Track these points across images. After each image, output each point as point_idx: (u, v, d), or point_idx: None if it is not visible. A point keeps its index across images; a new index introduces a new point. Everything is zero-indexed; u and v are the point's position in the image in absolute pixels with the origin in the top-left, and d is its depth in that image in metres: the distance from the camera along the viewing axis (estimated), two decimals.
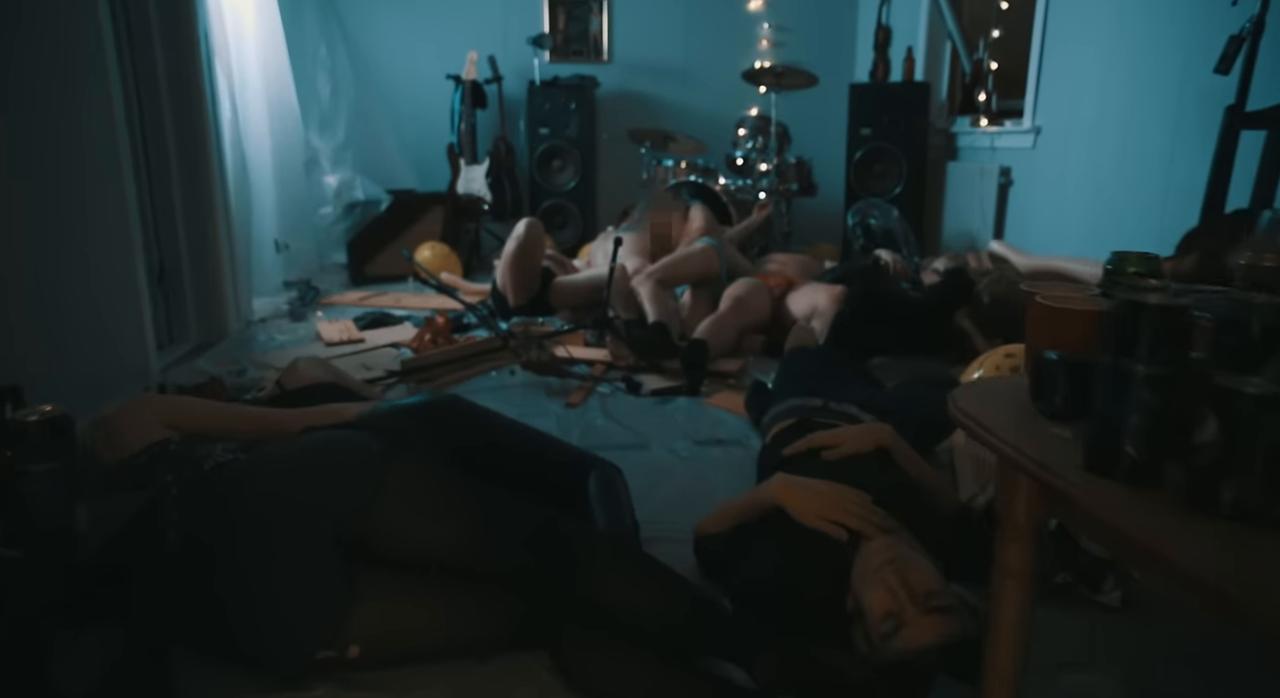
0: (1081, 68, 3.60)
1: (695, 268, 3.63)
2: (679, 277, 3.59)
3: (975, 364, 2.56)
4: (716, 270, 3.69)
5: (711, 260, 3.67)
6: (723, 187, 4.74)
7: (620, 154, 5.60)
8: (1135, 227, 3.30)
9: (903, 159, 4.66)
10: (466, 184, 5.26)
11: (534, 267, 3.64)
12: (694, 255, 3.63)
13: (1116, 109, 3.38)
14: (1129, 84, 3.30)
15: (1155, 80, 3.15)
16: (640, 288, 3.40)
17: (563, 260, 4.23)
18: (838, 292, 3.25)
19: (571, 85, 5.32)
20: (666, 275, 3.49)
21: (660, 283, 3.43)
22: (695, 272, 3.64)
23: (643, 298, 3.36)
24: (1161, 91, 3.12)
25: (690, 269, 3.62)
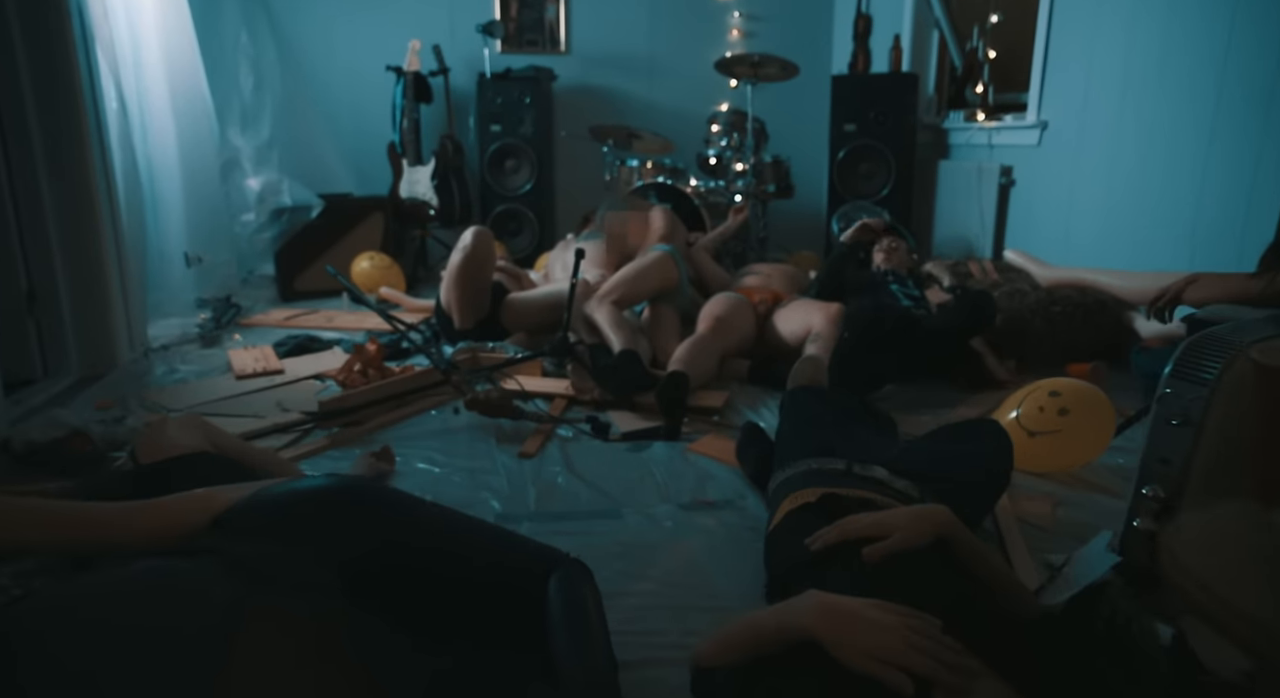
0: (1097, 54, 3.22)
1: (652, 282, 3.18)
2: (636, 295, 3.14)
3: (1011, 402, 2.14)
4: (675, 281, 3.25)
5: (668, 270, 3.22)
6: (694, 188, 4.30)
7: (580, 153, 5.13)
8: (1162, 236, 2.93)
9: (890, 158, 4.26)
10: (410, 187, 4.74)
11: (483, 282, 3.16)
12: (648, 268, 3.18)
13: (1140, 100, 3.00)
14: (1156, 71, 2.92)
15: (1189, 66, 2.78)
16: (596, 314, 2.94)
17: (517, 273, 3.75)
18: (835, 311, 2.82)
19: (525, 78, 4.84)
20: (623, 296, 3.03)
21: (617, 305, 2.97)
22: (653, 286, 3.19)
23: (601, 325, 2.90)
24: (1196, 79, 2.74)
25: (647, 285, 3.17)
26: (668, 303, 3.23)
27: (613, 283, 3.08)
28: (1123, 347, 3.07)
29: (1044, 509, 1.91)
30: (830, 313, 2.82)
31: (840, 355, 2.53)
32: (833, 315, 2.81)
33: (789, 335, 2.97)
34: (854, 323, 2.70)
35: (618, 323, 2.90)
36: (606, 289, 3.04)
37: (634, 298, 3.13)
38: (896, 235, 3.34)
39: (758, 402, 2.69)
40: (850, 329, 2.66)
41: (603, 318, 2.93)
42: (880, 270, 3.26)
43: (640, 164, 4.65)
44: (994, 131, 3.84)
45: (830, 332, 2.74)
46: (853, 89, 4.30)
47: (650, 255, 3.24)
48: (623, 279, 3.10)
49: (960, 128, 4.10)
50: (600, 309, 2.96)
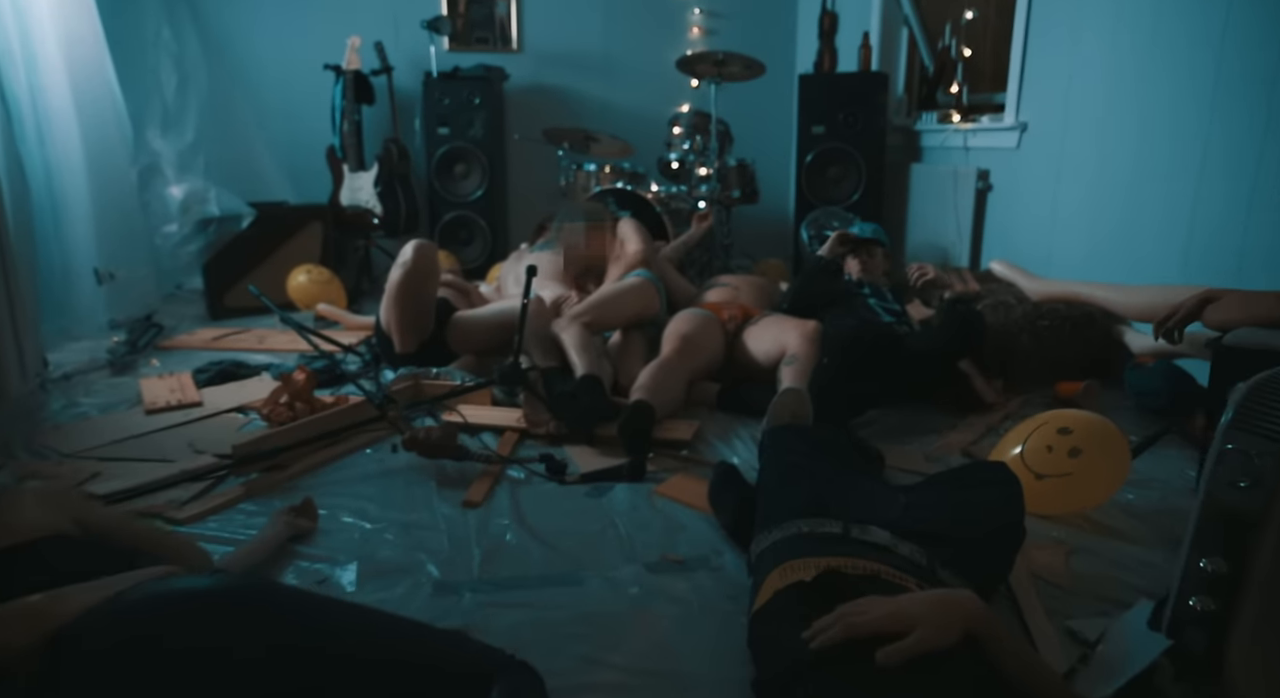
0: (1081, 50, 3.04)
1: (630, 308, 2.94)
2: (611, 319, 2.89)
3: (1014, 437, 1.93)
4: (655, 310, 3.01)
5: (650, 299, 2.99)
6: (655, 194, 4.06)
7: (535, 157, 4.86)
8: (1154, 246, 2.76)
9: (860, 161, 4.06)
10: (351, 194, 4.43)
11: (425, 301, 2.87)
12: (628, 293, 2.94)
13: (1128, 99, 2.82)
14: (1146, 67, 2.75)
15: (1181, 60, 2.60)
16: (564, 335, 2.68)
17: (465, 288, 3.47)
18: (811, 329, 2.59)
19: (475, 77, 4.55)
20: (596, 319, 2.78)
21: (588, 326, 2.72)
22: (630, 313, 2.95)
23: (566, 345, 2.65)
24: (1190, 74, 2.57)
25: (624, 310, 2.92)
26: (640, 330, 2.99)
27: (588, 304, 2.83)
28: (1112, 362, 2.89)
29: (1056, 560, 1.70)
30: (806, 331, 2.59)
31: (823, 381, 2.30)
32: (809, 334, 2.58)
33: (761, 355, 2.74)
34: (833, 345, 2.47)
35: (583, 345, 2.65)
36: (580, 309, 2.79)
37: (608, 323, 2.89)
38: (877, 246, 3.12)
39: (729, 432, 2.45)
40: (829, 352, 2.44)
41: (569, 339, 2.67)
42: (855, 281, 3.04)
43: (598, 169, 4.39)
44: (969, 133, 3.66)
45: (807, 352, 2.51)
46: (820, 89, 4.09)
47: (632, 281, 3.00)
48: (599, 301, 2.86)
49: (933, 130, 3.92)
50: (569, 329, 2.70)
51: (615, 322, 2.94)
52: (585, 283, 3.48)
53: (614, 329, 2.99)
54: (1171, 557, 1.69)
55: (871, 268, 3.11)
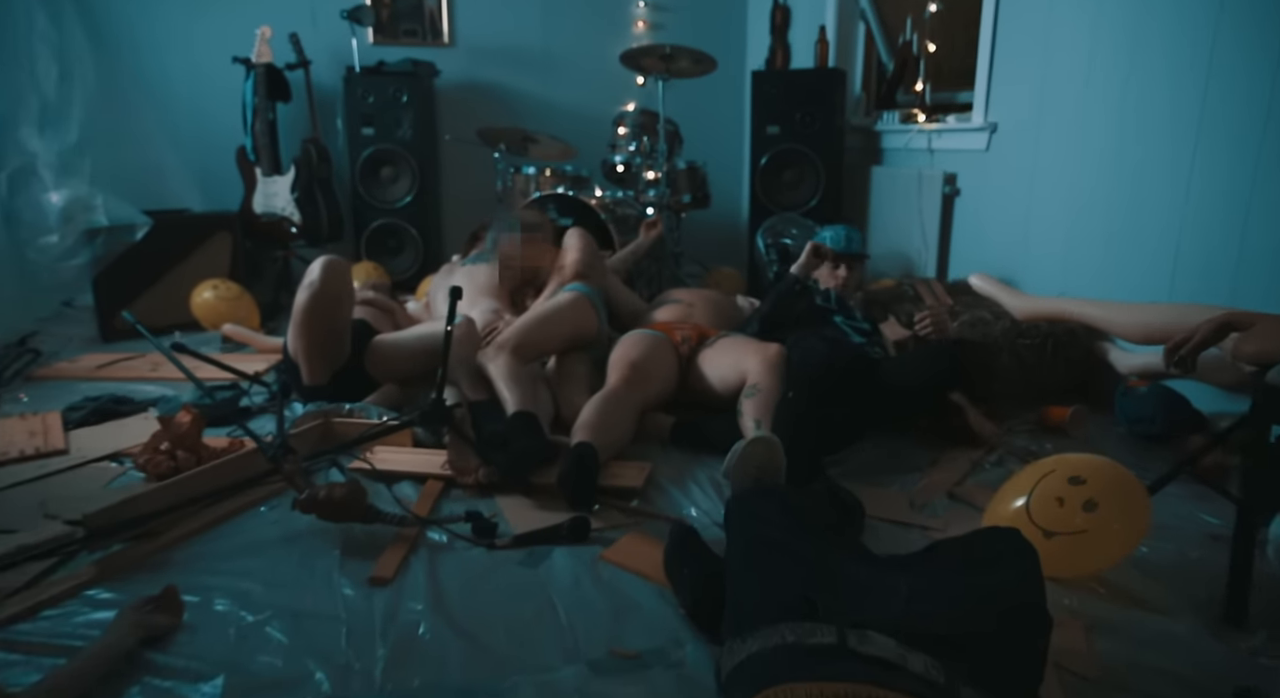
0: (1056, 47, 2.82)
1: (563, 329, 2.62)
2: (543, 344, 2.57)
3: (1016, 486, 1.66)
4: (593, 330, 2.70)
5: (586, 317, 2.67)
6: (600, 200, 3.74)
7: (470, 159, 4.51)
8: (1137, 256, 2.54)
9: (819, 164, 3.81)
10: (266, 201, 4.03)
11: (338, 325, 2.52)
12: (559, 312, 2.62)
13: (1109, 95, 2.61)
14: (1128, 60, 2.53)
15: (1169, 51, 2.39)
16: (491, 366, 2.36)
17: (388, 306, 3.11)
18: (774, 355, 2.31)
19: (402, 73, 4.18)
20: (525, 343, 2.46)
21: (517, 354, 2.39)
22: (563, 335, 2.63)
23: (495, 379, 2.33)
24: (1178, 66, 2.35)
25: (557, 333, 2.61)
26: (581, 354, 2.67)
27: (515, 329, 2.50)
28: (1095, 382, 2.68)
29: (1076, 641, 1.43)
30: (768, 357, 2.30)
31: (786, 420, 2.01)
32: (771, 361, 2.29)
33: (718, 383, 2.45)
34: (799, 375, 2.19)
35: (513, 377, 2.32)
36: (506, 336, 2.46)
37: (540, 348, 2.56)
38: (862, 259, 2.87)
39: (686, 473, 2.15)
40: (795, 383, 2.15)
41: (497, 370, 2.35)
42: (822, 294, 2.77)
43: (538, 172, 4.07)
44: (935, 134, 3.43)
45: (770, 383, 2.22)
46: (775, 87, 3.83)
47: (564, 298, 2.67)
48: (527, 325, 2.52)
49: (895, 130, 3.68)
50: (496, 360, 2.38)
51: (548, 346, 2.62)
52: (523, 299, 3.16)
53: (548, 355, 2.67)
54: (1200, 631, 1.45)
55: (851, 283, 2.84)
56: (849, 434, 2.16)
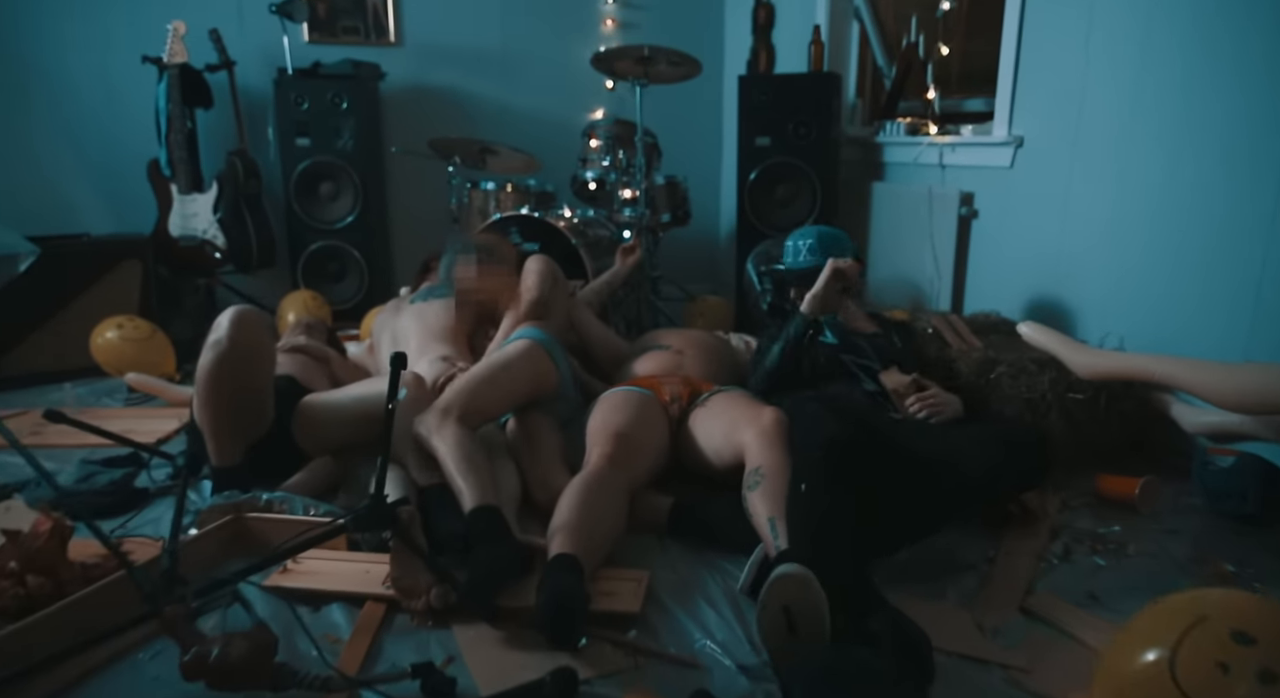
0: (1100, 48, 2.45)
1: (516, 386, 2.17)
2: (491, 407, 2.12)
3: (1144, 633, 1.26)
4: (553, 383, 2.25)
5: (541, 370, 2.23)
6: (568, 221, 3.30)
7: (421, 173, 4.03)
8: (1206, 298, 2.18)
9: (815, 179, 3.41)
10: (184, 222, 3.51)
11: (253, 390, 2.05)
12: (508, 367, 2.16)
13: (1168, 107, 2.24)
14: (1192, 65, 2.16)
15: (1247, 56, 2.02)
16: (435, 441, 1.91)
17: (324, 354, 2.63)
18: (770, 425, 1.85)
19: (341, 76, 3.69)
20: (471, 408, 2.00)
21: (465, 423, 1.95)
22: (517, 393, 2.19)
23: (442, 461, 1.88)
24: (1253, 59, 1.98)
25: (508, 389, 2.16)
26: (544, 412, 2.23)
27: (457, 390, 2.04)
28: (1155, 439, 2.31)
29: None
30: (764, 429, 1.85)
31: (808, 528, 1.58)
32: (769, 433, 1.84)
33: (712, 455, 2.03)
34: (806, 459, 1.73)
35: (466, 456, 1.87)
36: (448, 400, 2.00)
37: (489, 412, 2.11)
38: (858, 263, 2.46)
39: (693, 584, 1.72)
40: (804, 471, 1.69)
41: (445, 448, 1.89)
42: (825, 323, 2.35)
43: (497, 188, 3.62)
44: (947, 148, 3.05)
45: (773, 463, 1.77)
46: (765, 93, 3.42)
47: (511, 349, 2.22)
48: (471, 384, 2.07)
49: (900, 142, 3.30)
50: (441, 433, 1.92)
51: (499, 408, 2.17)
52: (483, 341, 2.71)
53: (501, 415, 2.22)
54: None
55: (851, 312, 2.45)
56: (896, 533, 1.74)
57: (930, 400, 2.05)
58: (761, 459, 1.80)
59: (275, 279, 3.87)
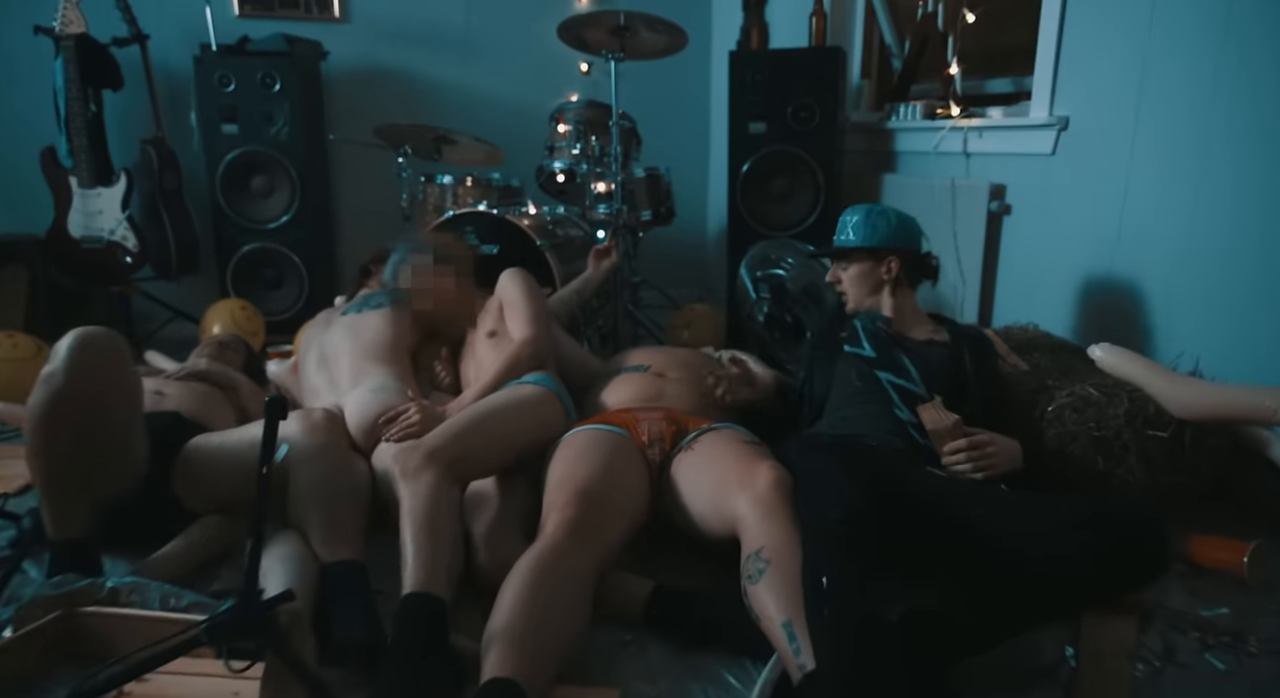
0: (1167, 8, 2.02)
1: (521, 441, 1.76)
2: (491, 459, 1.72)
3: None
4: (557, 433, 1.81)
5: (552, 423, 1.83)
6: (534, 219, 2.85)
7: (371, 167, 3.56)
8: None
9: (818, 170, 2.97)
10: (86, 221, 3.03)
11: (105, 437, 1.57)
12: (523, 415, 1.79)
13: (1259, 78, 1.81)
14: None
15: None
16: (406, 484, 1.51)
17: (230, 381, 2.16)
18: (768, 491, 1.39)
19: (274, 54, 3.22)
20: (466, 456, 1.61)
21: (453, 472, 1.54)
22: (518, 448, 1.77)
23: (403, 514, 1.45)
24: None
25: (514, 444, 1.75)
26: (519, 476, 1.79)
27: (452, 430, 1.63)
28: (1247, 481, 1.89)
29: None
30: (759, 495, 1.40)
31: (839, 644, 1.14)
32: (768, 503, 1.38)
33: (697, 519, 1.59)
34: (820, 535, 1.27)
35: (432, 520, 1.45)
36: (439, 440, 1.57)
37: (483, 465, 1.70)
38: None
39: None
40: (825, 561, 1.24)
41: (413, 503, 1.47)
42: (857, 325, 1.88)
43: (455, 182, 3.17)
44: (973, 134, 2.61)
45: (777, 543, 1.31)
46: (760, 72, 2.97)
47: (528, 392, 1.81)
48: (474, 423, 1.68)
49: (916, 128, 2.86)
50: (416, 481, 1.49)
51: (493, 463, 1.74)
52: (431, 363, 2.26)
53: (498, 470, 1.77)
54: None
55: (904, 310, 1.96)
56: (959, 642, 1.29)
57: (982, 454, 1.58)
58: (762, 538, 1.35)
59: (201, 286, 3.39)
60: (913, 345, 1.86)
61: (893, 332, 1.87)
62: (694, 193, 4.08)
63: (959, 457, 1.59)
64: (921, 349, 1.85)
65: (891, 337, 1.86)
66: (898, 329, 1.90)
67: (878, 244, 1.89)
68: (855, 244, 1.91)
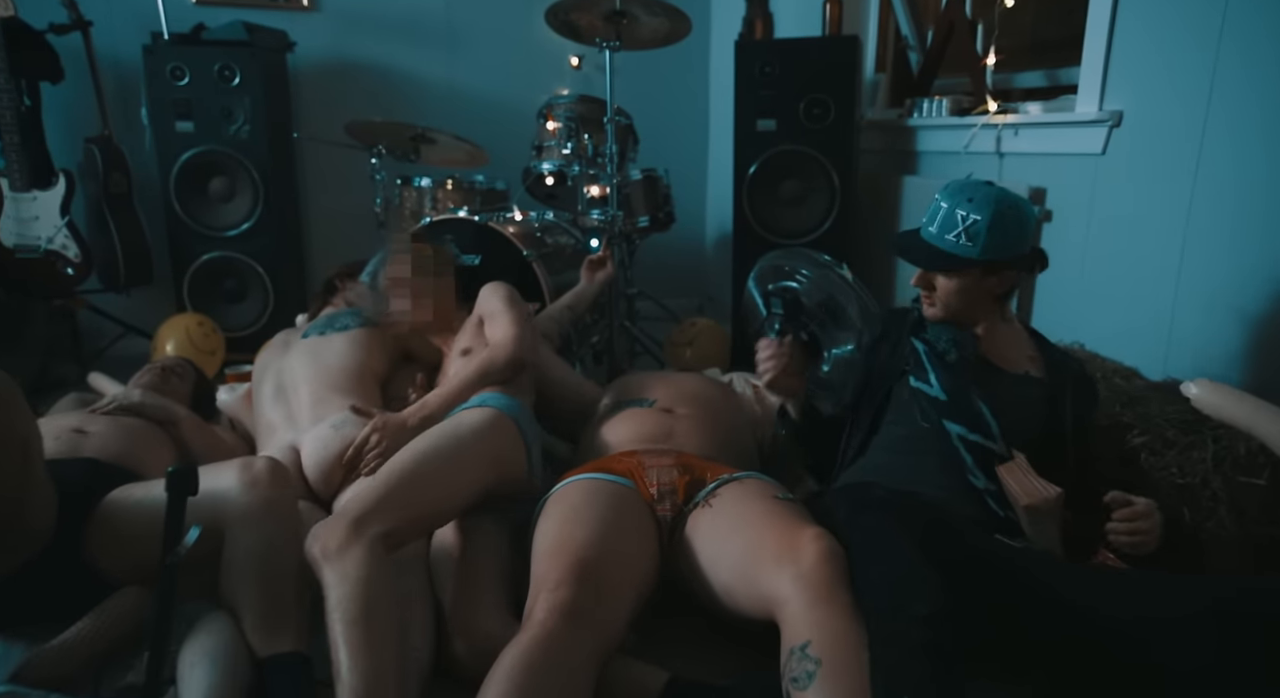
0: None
1: (471, 478, 1.47)
2: (433, 513, 1.44)
3: None
4: (519, 475, 1.55)
5: (505, 455, 1.56)
6: (520, 226, 2.57)
7: (344, 169, 3.27)
8: None
9: (833, 172, 2.70)
10: (20, 228, 2.73)
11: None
12: (462, 448, 1.50)
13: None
14: None
15: None
16: (326, 568, 1.22)
17: (169, 415, 1.87)
18: (815, 568, 1.13)
19: (233, 44, 2.93)
20: (400, 518, 1.32)
21: (388, 543, 1.28)
22: (471, 488, 1.48)
23: (330, 612, 1.20)
24: None
25: (459, 483, 1.46)
26: (492, 518, 1.52)
27: (376, 489, 1.35)
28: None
29: None
30: (806, 573, 1.13)
31: None
32: (818, 583, 1.11)
33: (721, 591, 1.32)
34: (904, 643, 1.00)
35: (364, 609, 1.19)
36: (363, 503, 1.29)
37: (427, 519, 1.44)
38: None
39: None
40: (903, 674, 0.97)
41: (340, 591, 1.21)
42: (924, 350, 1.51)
43: (434, 185, 2.89)
44: (1008, 131, 2.35)
45: (836, 641, 1.04)
46: (769, 64, 2.70)
47: (469, 418, 1.53)
48: (399, 477, 1.38)
49: (941, 125, 2.60)
50: (340, 561, 1.22)
51: (440, 513, 1.46)
52: (404, 388, 1.99)
53: (440, 526, 1.50)
54: None
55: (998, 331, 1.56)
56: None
57: (1137, 528, 1.28)
58: (810, 630, 1.07)
59: (155, 299, 3.10)
60: (1003, 383, 1.47)
61: (978, 360, 1.47)
62: (696, 196, 3.83)
63: (1124, 527, 1.28)
64: (1014, 388, 1.47)
65: (972, 372, 1.45)
66: (985, 353, 1.49)
67: (1006, 258, 1.44)
68: (975, 256, 1.42)
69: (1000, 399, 1.43)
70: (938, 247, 1.47)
